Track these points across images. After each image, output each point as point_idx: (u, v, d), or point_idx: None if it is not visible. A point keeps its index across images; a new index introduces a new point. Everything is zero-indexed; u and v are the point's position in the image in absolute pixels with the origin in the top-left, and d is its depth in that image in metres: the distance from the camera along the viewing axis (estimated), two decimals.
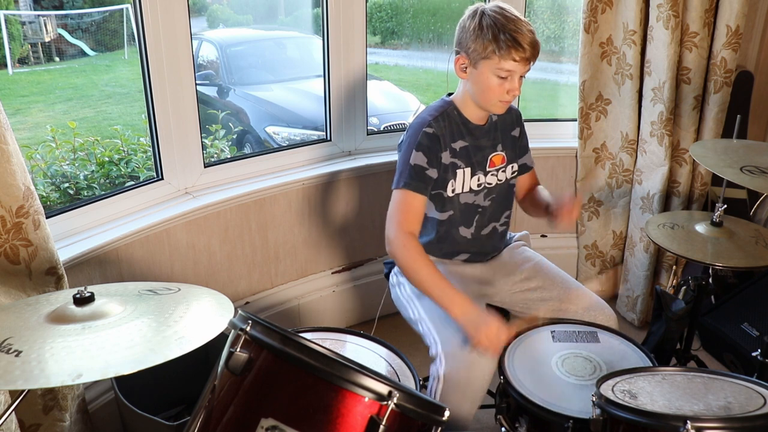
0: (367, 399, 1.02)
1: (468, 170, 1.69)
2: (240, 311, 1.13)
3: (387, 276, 1.88)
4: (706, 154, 1.83)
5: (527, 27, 1.54)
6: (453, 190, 1.69)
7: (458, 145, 1.67)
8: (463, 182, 1.70)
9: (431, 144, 1.62)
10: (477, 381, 1.47)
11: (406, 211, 1.62)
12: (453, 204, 1.71)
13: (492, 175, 1.74)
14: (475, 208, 1.74)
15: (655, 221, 1.88)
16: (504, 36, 1.51)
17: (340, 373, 1.02)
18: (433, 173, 1.63)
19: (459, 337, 1.51)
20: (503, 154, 1.76)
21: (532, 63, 1.57)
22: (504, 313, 1.82)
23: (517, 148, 1.82)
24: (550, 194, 1.82)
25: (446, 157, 1.66)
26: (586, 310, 1.69)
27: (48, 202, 2.71)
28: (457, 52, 1.62)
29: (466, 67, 1.61)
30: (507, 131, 1.78)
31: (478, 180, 1.72)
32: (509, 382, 1.41)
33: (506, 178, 1.78)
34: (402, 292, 1.76)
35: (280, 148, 2.44)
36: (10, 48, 4.67)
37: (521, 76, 1.58)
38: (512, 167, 1.79)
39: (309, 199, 2.34)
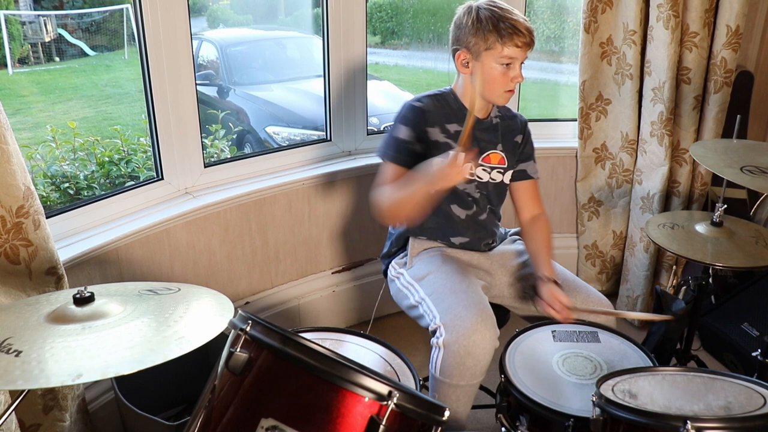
0: (367, 399, 1.02)
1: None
2: (240, 311, 1.13)
3: (385, 273, 1.88)
4: (706, 154, 1.83)
5: (521, 15, 1.62)
6: None
7: (453, 128, 1.70)
8: None
9: (416, 117, 1.66)
10: (477, 349, 1.47)
11: (388, 181, 1.67)
12: None
13: (485, 170, 1.75)
14: (466, 195, 1.76)
15: (655, 221, 1.88)
16: (503, 24, 1.58)
17: (340, 373, 1.02)
18: (417, 147, 1.66)
19: (459, 307, 1.53)
20: (503, 155, 1.77)
21: (530, 49, 1.63)
22: (502, 311, 1.82)
23: (519, 154, 1.83)
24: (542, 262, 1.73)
25: (436, 134, 1.68)
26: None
27: (48, 202, 2.71)
28: (456, 50, 1.66)
29: (468, 62, 1.65)
30: (509, 135, 1.80)
31: (470, 169, 1.72)
32: (510, 381, 1.42)
33: (502, 180, 1.79)
34: (401, 281, 1.77)
35: (280, 148, 2.44)
36: (10, 48, 4.66)
37: (521, 63, 1.63)
38: (511, 172, 1.81)
39: (309, 199, 2.34)
